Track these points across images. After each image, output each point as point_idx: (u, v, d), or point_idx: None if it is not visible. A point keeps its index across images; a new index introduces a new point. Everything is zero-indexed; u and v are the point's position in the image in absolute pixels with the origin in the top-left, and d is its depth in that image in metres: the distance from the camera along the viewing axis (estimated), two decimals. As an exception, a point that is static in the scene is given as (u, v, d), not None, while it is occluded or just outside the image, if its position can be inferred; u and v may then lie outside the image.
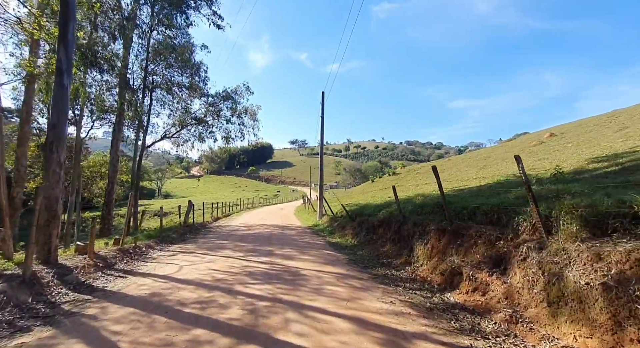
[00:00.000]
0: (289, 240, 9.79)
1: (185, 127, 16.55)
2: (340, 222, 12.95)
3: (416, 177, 27.21)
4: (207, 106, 16.74)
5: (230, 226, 14.89)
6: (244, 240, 9.57)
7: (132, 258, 6.56)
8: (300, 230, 13.27)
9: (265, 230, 12.81)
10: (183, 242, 9.43)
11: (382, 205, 11.13)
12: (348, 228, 11.20)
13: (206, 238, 10.15)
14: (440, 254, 5.39)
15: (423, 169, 29.93)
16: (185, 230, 11.96)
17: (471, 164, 24.56)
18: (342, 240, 10.07)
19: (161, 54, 14.49)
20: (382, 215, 9.06)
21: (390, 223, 8.16)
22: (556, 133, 23.12)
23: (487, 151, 28.37)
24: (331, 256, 7.19)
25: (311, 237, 10.92)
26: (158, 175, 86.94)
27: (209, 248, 8.07)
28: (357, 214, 12.07)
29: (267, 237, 10.41)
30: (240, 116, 17.43)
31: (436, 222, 6.13)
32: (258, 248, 8.04)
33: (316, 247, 8.64)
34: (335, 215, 15.02)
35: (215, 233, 11.93)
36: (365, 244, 8.67)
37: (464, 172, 20.80)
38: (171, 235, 10.59)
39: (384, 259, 6.87)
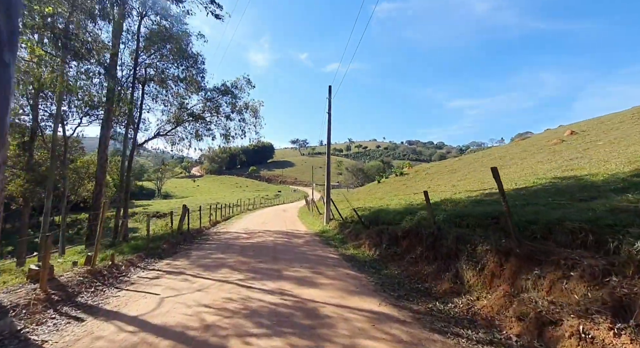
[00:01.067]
0: (297, 253, 8.44)
1: (180, 124, 15.21)
2: (352, 228, 11.60)
3: (426, 177, 25.84)
4: (204, 101, 15.40)
5: (229, 232, 13.54)
6: (245, 253, 8.22)
7: (103, 284, 5.21)
8: (307, 238, 11.92)
9: (269, 238, 11.46)
10: (173, 256, 8.08)
11: (402, 210, 9.78)
12: (363, 237, 9.85)
13: (201, 251, 8.80)
14: (507, 286, 4.03)
15: (433, 169, 28.55)
16: (179, 239, 10.61)
17: (485, 163, 23.19)
18: (358, 252, 8.72)
19: (155, 43, 13.14)
20: (407, 224, 7.70)
21: (419, 236, 6.80)
22: (576, 131, 21.72)
23: (499, 150, 26.99)
24: (352, 278, 5.84)
25: (322, 247, 9.57)
26: (158, 175, 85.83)
27: (203, 266, 6.72)
28: (371, 221, 10.72)
29: (272, 249, 9.06)
30: (240, 112, 16.09)
31: (491, 239, 4.77)
32: (262, 266, 6.68)
33: (331, 262, 7.29)
34: (344, 220, 13.67)
35: (213, 242, 10.58)
36: (389, 260, 7.31)
37: (481, 172, 19.42)
38: (161, 246, 9.25)
39: (418, 283, 5.52)
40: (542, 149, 19.97)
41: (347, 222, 13.24)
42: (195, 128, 15.78)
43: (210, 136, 15.73)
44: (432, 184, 21.37)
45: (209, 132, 15.72)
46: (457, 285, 4.88)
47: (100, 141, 13.72)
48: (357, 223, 11.99)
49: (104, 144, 13.62)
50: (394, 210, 10.66)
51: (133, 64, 12.71)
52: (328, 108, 16.06)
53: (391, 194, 22.65)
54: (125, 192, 13.16)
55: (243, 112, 16.14)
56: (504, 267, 4.23)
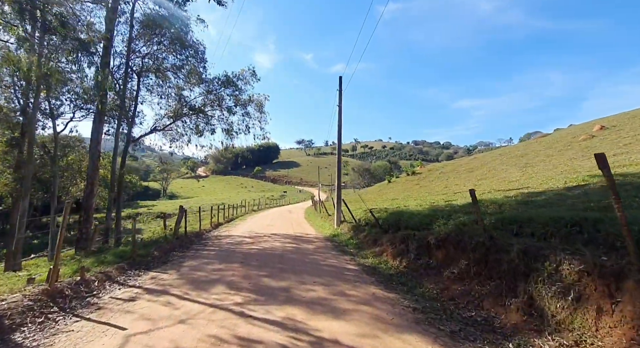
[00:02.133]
0: (308, 263, 7.16)
1: (179, 118, 14.07)
2: (368, 233, 10.29)
3: (440, 177, 24.37)
4: (205, 93, 14.23)
5: (231, 236, 12.33)
6: (248, 263, 6.97)
7: (61, 309, 4.00)
8: (318, 243, 10.64)
9: (275, 243, 10.21)
10: (163, 266, 6.86)
11: (429, 213, 8.43)
12: (383, 243, 8.54)
13: (197, 259, 7.57)
14: (629, 328, 2.70)
15: (447, 168, 27.06)
16: (174, 244, 9.42)
17: (505, 162, 21.67)
18: (379, 262, 7.41)
19: (151, 29, 12.01)
20: (441, 230, 6.37)
21: (462, 245, 5.47)
22: (606, 126, 20.08)
23: (519, 148, 25.39)
24: (382, 301, 4.54)
25: (336, 255, 8.28)
26: (163, 176, 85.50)
27: (194, 282, 5.47)
28: (390, 224, 9.39)
29: (279, 257, 7.80)
30: (244, 106, 14.90)
31: (587, 256, 3.43)
32: (267, 282, 5.42)
33: (350, 276, 6.00)
34: (358, 223, 12.36)
35: (212, 248, 9.37)
36: (421, 274, 6.00)
37: (503, 171, 17.95)
38: (152, 253, 8.06)
39: (471, 310, 4.20)
40: (570, 146, 18.41)
41: (361, 225, 11.93)
42: (196, 123, 14.63)
43: (210, 131, 14.52)
44: (450, 184, 19.92)
45: (209, 127, 14.54)
46: (533, 318, 3.55)
47: (92, 136, 12.61)
48: (373, 227, 10.68)
49: (96, 139, 12.49)
50: (417, 212, 9.32)
51: (126, 50, 11.57)
52: (339, 101, 14.77)
53: (404, 194, 21.25)
54: (117, 191, 12.03)
55: (247, 106, 14.95)
56: (619, 299, 2.90)
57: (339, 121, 14.71)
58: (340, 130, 14.70)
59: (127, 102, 12.91)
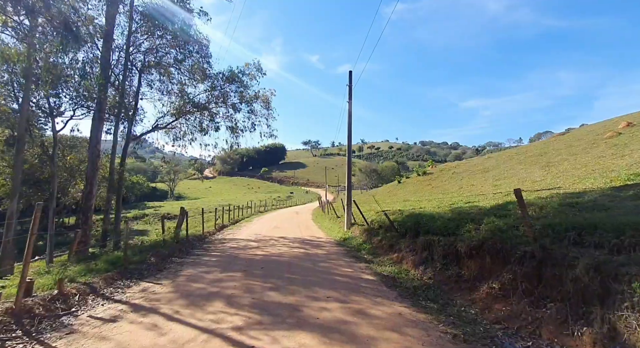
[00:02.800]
0: (319, 271, 6.39)
1: (182, 116, 13.45)
2: (383, 237, 9.46)
3: (454, 177, 23.34)
4: (209, 90, 13.58)
5: (236, 240, 11.62)
6: (252, 272, 6.23)
7: (23, 335, 3.30)
8: (328, 247, 9.86)
9: (283, 248, 9.46)
10: (157, 276, 6.15)
11: (453, 216, 7.57)
12: (401, 249, 7.72)
13: (196, 267, 6.86)
14: None
15: (460, 168, 25.98)
16: (173, 249, 8.74)
17: (523, 161, 20.57)
18: (399, 270, 6.60)
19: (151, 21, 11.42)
20: (472, 236, 5.53)
21: (502, 255, 4.63)
22: (633, 122, 18.85)
23: (536, 147, 24.22)
24: (411, 322, 3.74)
25: (349, 262, 7.48)
26: (170, 177, 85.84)
27: (189, 295, 4.74)
28: (408, 228, 8.54)
29: (286, 264, 7.04)
30: (250, 103, 14.22)
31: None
32: (273, 296, 4.66)
33: (369, 289, 5.21)
34: (370, 226, 11.54)
35: (214, 253, 8.65)
36: (451, 288, 5.17)
37: (522, 171, 16.91)
38: (148, 259, 7.38)
39: (526, 338, 3.37)
40: (596, 144, 17.27)
41: (374, 229, 11.10)
42: (200, 120, 14.00)
43: (214, 129, 13.87)
44: (464, 184, 18.92)
45: (214, 125, 13.89)
46: (621, 356, 2.71)
47: (91, 134, 12.08)
48: (388, 231, 9.85)
49: (95, 138, 11.96)
50: (437, 215, 8.46)
51: (126, 44, 10.99)
52: (349, 96, 13.99)
53: (417, 195, 20.33)
54: (117, 192, 11.44)
55: (253, 102, 14.27)
56: None
57: (349, 118, 13.92)
58: (350, 127, 13.91)
59: (128, 99, 12.35)
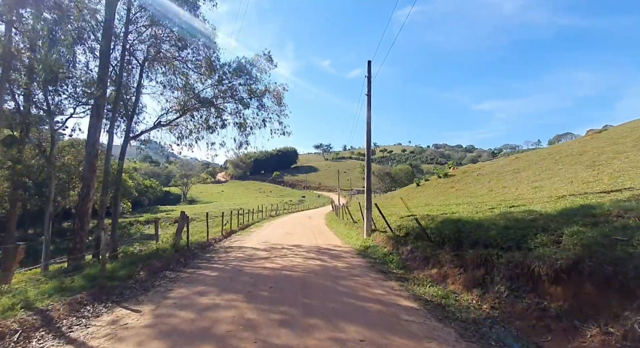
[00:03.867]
0: (342, 294, 5.01)
1: (187, 112, 12.40)
2: (414, 247, 8.01)
3: (479, 179, 21.54)
4: (216, 84, 12.50)
5: (243, 248, 10.38)
6: (257, 294, 4.92)
7: None
8: (348, 258, 8.46)
9: (296, 259, 8.13)
10: (140, 298, 4.92)
11: (508, 224, 6.06)
12: (442, 263, 6.26)
13: (189, 285, 5.59)
14: None
15: (485, 169, 24.11)
16: (169, 260, 7.54)
17: (560, 161, 18.64)
18: (443, 293, 5.14)
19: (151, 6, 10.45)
20: (556, 252, 4.04)
21: (620, 283, 3.15)
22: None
23: (571, 146, 22.16)
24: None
25: (378, 280, 6.07)
26: (184, 181, 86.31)
27: (169, 335, 3.46)
28: (447, 237, 7.07)
29: (300, 282, 5.69)
30: (260, 98, 13.06)
31: None
32: (283, 340, 3.31)
33: (414, 325, 3.79)
34: (395, 233, 10.09)
35: (215, 266, 7.40)
36: (531, 325, 3.69)
37: (563, 171, 15.07)
38: (137, 272, 6.19)
39: None
40: None
41: (400, 236, 9.65)
42: (206, 117, 12.93)
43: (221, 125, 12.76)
44: (495, 186, 17.17)
45: (221, 121, 12.78)
46: None
47: (89, 132, 11.12)
48: (418, 239, 8.38)
49: (93, 136, 10.99)
50: (483, 221, 6.96)
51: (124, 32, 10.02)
52: (367, 89, 12.64)
53: (440, 199, 18.67)
54: (113, 195, 10.41)
55: (263, 97, 13.11)
56: None
57: (367, 113, 12.55)
58: (369, 123, 12.53)
59: (126, 94, 11.41)
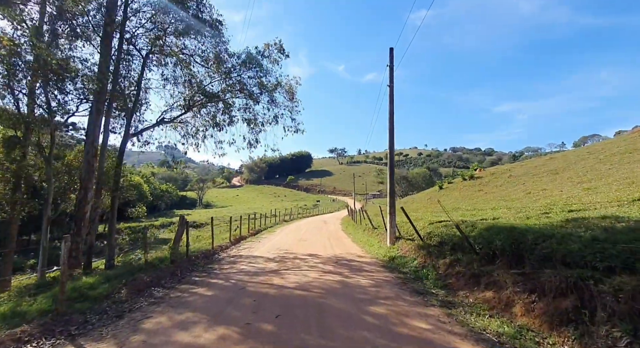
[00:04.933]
0: (374, 331, 3.67)
1: (193, 108, 11.43)
2: (454, 259, 6.56)
3: (511, 181, 19.59)
4: (223, 76, 11.49)
5: (251, 257, 9.17)
6: (257, 332, 3.65)
7: None
8: (375, 273, 7.08)
9: (311, 272, 6.83)
10: (105, 328, 3.75)
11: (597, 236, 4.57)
12: (499, 283, 4.83)
13: (173, 312, 4.39)
14: None
15: (517, 170, 22.10)
16: (162, 272, 6.41)
17: (605, 160, 16.58)
18: (513, 331, 3.70)
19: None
20: None
21: None
22: None
23: (615, 144, 19.94)
24: None
25: (417, 306, 4.68)
26: (200, 185, 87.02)
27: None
28: (499, 249, 5.60)
29: (316, 310, 4.38)
30: (271, 92, 11.96)
31: None
32: None
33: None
34: (425, 241, 8.62)
35: (214, 281, 6.19)
36: None
37: (614, 172, 13.13)
38: (117, 291, 5.07)
39: None
40: None
41: (433, 245, 8.17)
42: (213, 114, 11.93)
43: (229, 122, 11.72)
44: (532, 189, 15.31)
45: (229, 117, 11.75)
46: None
47: (87, 130, 10.35)
48: (457, 250, 6.92)
49: (92, 134, 10.17)
50: (551, 230, 5.44)
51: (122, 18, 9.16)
52: (389, 79, 11.30)
53: (468, 203, 16.94)
54: (111, 197, 9.48)
55: (274, 91, 12.01)
56: None
57: (390, 106, 11.19)
58: (392, 116, 11.16)
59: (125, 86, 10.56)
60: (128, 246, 26.91)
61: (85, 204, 10.16)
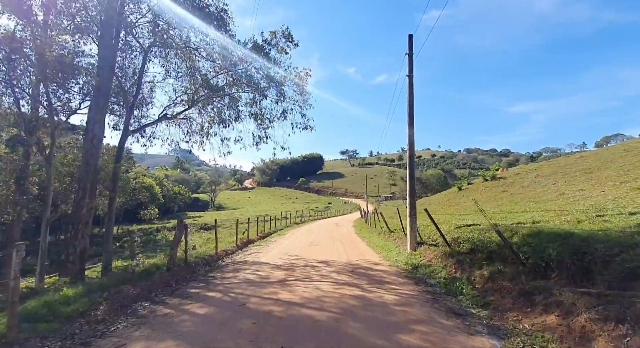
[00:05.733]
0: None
1: (197, 103, 10.74)
2: (494, 271, 5.51)
3: (539, 181, 18.13)
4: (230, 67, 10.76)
5: (257, 264, 8.33)
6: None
7: None
8: (398, 285, 6.09)
9: (323, 284, 5.91)
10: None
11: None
12: (564, 305, 3.78)
13: (152, 340, 3.54)
14: None
15: (544, 170, 20.57)
16: (154, 283, 5.61)
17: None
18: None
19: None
20: None
21: None
22: None
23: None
24: None
25: (455, 332, 3.69)
26: (212, 188, 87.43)
27: None
28: (557, 261, 4.54)
29: (334, 339, 3.45)
30: (279, 85, 11.16)
31: None
32: None
33: None
34: (453, 248, 7.56)
35: (211, 295, 5.34)
36: None
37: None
38: (97, 307, 4.29)
39: None
40: None
41: (463, 252, 7.11)
42: (218, 109, 11.21)
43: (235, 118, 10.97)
44: (568, 189, 13.91)
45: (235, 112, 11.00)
46: None
47: (87, 126, 9.75)
48: (495, 259, 5.86)
49: (91, 131, 9.60)
50: (621, 237, 4.35)
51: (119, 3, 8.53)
52: (409, 68, 10.31)
53: (493, 205, 15.64)
54: (109, 198, 8.83)
55: (283, 84, 11.20)
56: None
57: (409, 97, 10.19)
58: (411, 108, 10.15)
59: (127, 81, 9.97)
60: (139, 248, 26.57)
61: (83, 206, 9.55)
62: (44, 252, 10.39)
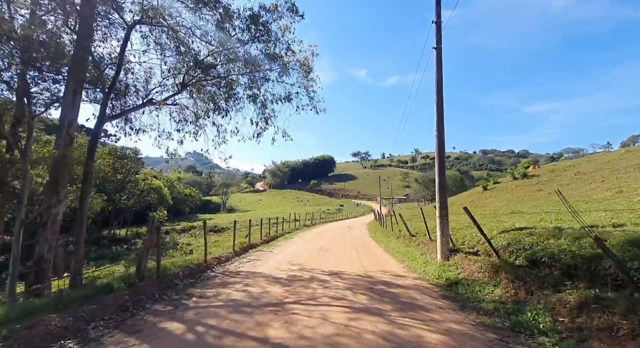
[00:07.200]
0: None
1: (188, 85, 9.31)
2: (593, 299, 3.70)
3: (580, 178, 15.90)
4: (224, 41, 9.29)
5: (252, 276, 6.72)
6: None
7: None
8: (437, 312, 4.34)
9: (333, 310, 4.25)
10: None
11: None
12: None
13: None
14: None
15: (584, 167, 18.23)
16: (100, 309, 4.07)
17: None
18: None
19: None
20: None
21: None
22: None
23: None
24: None
25: None
26: (224, 190, 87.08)
27: None
28: None
29: None
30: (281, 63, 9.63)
31: None
32: None
33: None
34: (504, 258, 5.76)
35: (171, 330, 3.74)
36: None
37: None
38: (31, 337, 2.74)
39: None
40: None
41: (519, 266, 5.30)
42: (212, 94, 9.76)
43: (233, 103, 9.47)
44: (624, 187, 11.75)
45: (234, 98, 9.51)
46: None
47: (61, 113, 8.46)
48: (578, 277, 4.06)
49: (67, 119, 8.30)
50: None
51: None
52: (436, 39, 8.56)
53: (529, 205, 13.55)
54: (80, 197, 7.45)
55: (287, 62, 9.67)
56: None
57: (437, 74, 8.42)
58: (440, 86, 8.38)
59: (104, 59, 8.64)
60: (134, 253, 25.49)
61: (58, 203, 8.26)
62: (15, 258, 9.09)
